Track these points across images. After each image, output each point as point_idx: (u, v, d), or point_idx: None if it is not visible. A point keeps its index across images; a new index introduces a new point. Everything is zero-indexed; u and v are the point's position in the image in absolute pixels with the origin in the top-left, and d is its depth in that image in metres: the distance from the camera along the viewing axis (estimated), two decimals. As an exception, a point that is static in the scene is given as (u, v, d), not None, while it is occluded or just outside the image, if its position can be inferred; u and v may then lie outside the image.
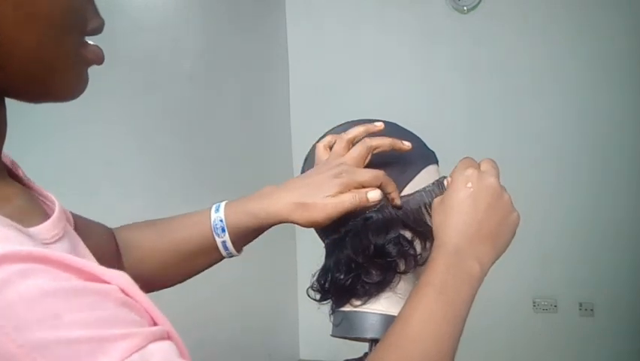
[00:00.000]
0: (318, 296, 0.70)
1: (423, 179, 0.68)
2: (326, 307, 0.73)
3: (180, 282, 0.71)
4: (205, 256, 0.68)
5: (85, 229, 0.55)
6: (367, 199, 0.59)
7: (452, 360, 0.51)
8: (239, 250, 0.68)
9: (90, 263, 0.34)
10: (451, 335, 0.52)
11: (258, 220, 0.64)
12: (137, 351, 0.31)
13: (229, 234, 0.65)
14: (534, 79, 2.24)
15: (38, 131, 1.16)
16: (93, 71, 0.44)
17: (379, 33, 2.42)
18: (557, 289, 2.21)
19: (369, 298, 0.66)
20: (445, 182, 0.63)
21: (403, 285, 0.67)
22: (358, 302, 0.67)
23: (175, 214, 0.72)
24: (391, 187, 0.62)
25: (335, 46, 2.46)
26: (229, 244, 0.66)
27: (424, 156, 0.69)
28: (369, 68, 2.43)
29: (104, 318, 0.32)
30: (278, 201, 0.62)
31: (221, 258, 0.68)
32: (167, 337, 0.35)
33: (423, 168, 0.68)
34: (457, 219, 0.57)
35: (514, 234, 0.60)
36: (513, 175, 2.25)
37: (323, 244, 0.70)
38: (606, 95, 2.15)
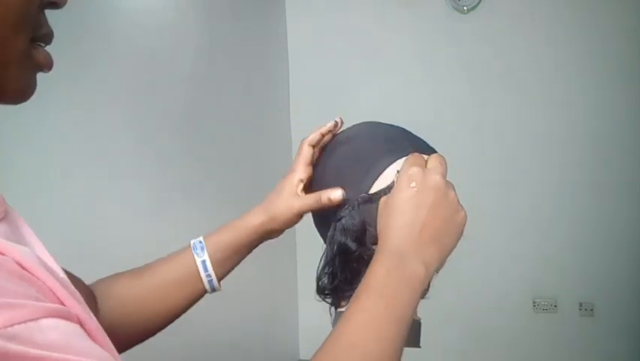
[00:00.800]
0: (327, 298, 0.71)
1: (394, 173, 0.65)
2: (326, 307, 0.73)
3: (163, 325, 0.69)
4: (183, 286, 0.69)
5: None
6: (328, 199, 0.65)
7: None
8: (219, 273, 0.70)
9: None
10: (393, 337, 0.50)
11: (235, 231, 0.70)
12: (23, 323, 0.30)
13: (208, 251, 0.69)
14: (534, 79, 2.23)
15: (39, 132, 1.16)
16: (93, 71, 0.44)
17: (379, 33, 2.42)
18: (557, 289, 2.21)
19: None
20: (395, 177, 0.61)
21: None
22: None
23: (175, 215, 0.72)
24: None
25: (335, 46, 2.45)
26: (208, 264, 0.68)
27: (393, 149, 0.67)
28: (369, 68, 2.43)
29: None
30: (251, 210, 0.71)
31: (203, 288, 0.69)
32: (75, 320, 0.34)
33: (393, 162, 0.65)
34: (399, 220, 0.55)
35: (461, 233, 0.58)
36: (513, 175, 2.27)
37: (323, 244, 0.70)
38: (608, 95, 2.14)
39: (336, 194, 0.64)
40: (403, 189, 0.56)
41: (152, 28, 1.65)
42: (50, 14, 0.44)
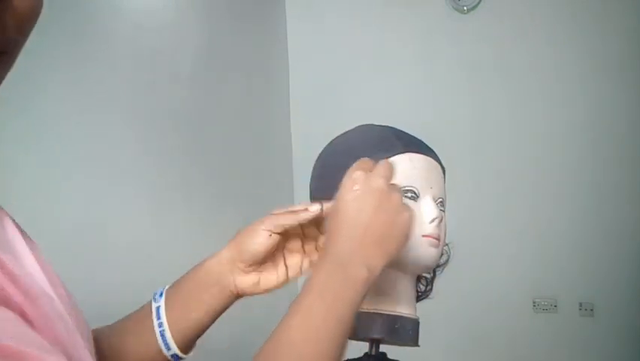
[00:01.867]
0: None
1: None
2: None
3: None
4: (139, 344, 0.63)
5: None
6: (308, 211, 0.63)
7: None
8: (175, 325, 0.62)
9: None
10: (332, 337, 0.51)
11: (195, 278, 0.64)
12: None
13: (166, 296, 0.63)
14: (535, 79, 2.23)
15: (39, 132, 1.16)
16: (93, 71, 0.44)
17: (379, 33, 2.42)
18: (557, 289, 2.21)
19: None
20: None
21: (396, 284, 0.68)
22: None
23: (175, 215, 0.72)
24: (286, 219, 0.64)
25: (335, 46, 2.46)
26: (162, 311, 0.62)
27: (384, 149, 0.69)
28: (369, 68, 2.43)
29: None
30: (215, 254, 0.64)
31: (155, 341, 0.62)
32: (17, 309, 0.34)
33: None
34: (342, 223, 0.56)
35: (405, 235, 0.58)
36: (514, 175, 2.27)
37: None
38: (608, 95, 2.14)
39: (313, 208, 0.63)
40: (347, 192, 0.57)
41: (153, 29, 1.65)
42: (51, 14, 0.44)
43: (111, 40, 1.45)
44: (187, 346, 0.64)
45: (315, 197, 0.72)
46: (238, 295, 0.65)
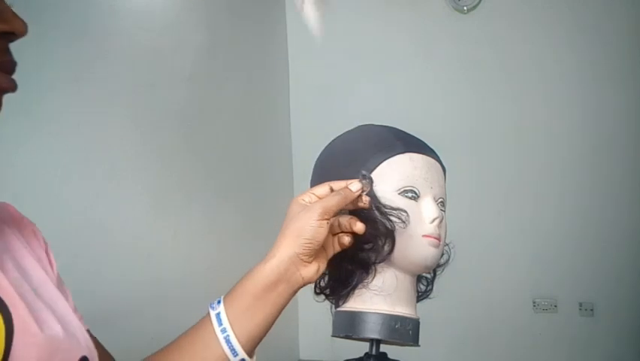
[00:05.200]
0: (325, 298, 0.72)
1: (384, 172, 0.68)
2: (325, 307, 0.73)
3: None
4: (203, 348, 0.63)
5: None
6: (351, 191, 0.65)
7: None
8: (240, 327, 0.63)
9: None
10: None
11: (256, 281, 0.63)
12: None
13: (224, 303, 0.64)
14: (535, 79, 2.24)
15: (39, 132, 1.16)
16: (93, 71, 0.44)
17: (379, 33, 2.42)
18: (557, 289, 2.21)
19: (360, 298, 0.68)
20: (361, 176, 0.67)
21: (396, 284, 0.68)
22: (353, 302, 0.68)
23: (175, 215, 0.72)
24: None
25: (335, 46, 2.46)
26: (223, 317, 0.62)
27: (384, 149, 0.69)
28: (369, 69, 2.43)
29: None
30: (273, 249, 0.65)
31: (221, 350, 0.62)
32: None
33: (383, 161, 0.68)
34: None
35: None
36: (514, 175, 2.26)
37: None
38: (608, 94, 2.14)
39: (355, 185, 0.66)
40: None
41: (153, 29, 1.65)
42: (51, 15, 0.44)
43: (111, 40, 1.45)
44: (252, 349, 0.65)
45: None
46: (303, 285, 0.66)
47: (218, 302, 0.64)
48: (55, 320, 0.47)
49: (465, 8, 2.28)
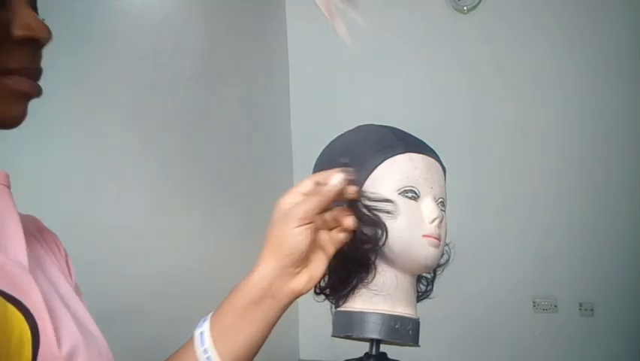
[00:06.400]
0: (325, 298, 0.72)
1: (384, 172, 0.67)
2: (325, 307, 0.73)
3: None
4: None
5: None
6: (333, 185, 0.58)
7: None
8: (223, 345, 0.59)
9: None
10: None
11: (241, 298, 0.59)
12: None
13: (211, 320, 0.60)
14: (534, 79, 2.24)
15: (39, 132, 1.16)
16: (94, 71, 0.45)
17: (379, 33, 2.42)
18: (557, 289, 2.21)
19: (360, 298, 0.68)
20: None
21: (396, 284, 0.68)
22: (353, 302, 0.68)
23: (175, 215, 0.71)
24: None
25: (335, 46, 2.44)
26: (206, 337, 0.58)
27: (384, 149, 0.69)
28: (369, 69, 2.43)
29: None
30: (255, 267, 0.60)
31: None
32: None
33: (383, 161, 0.68)
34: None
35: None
36: (514, 175, 2.26)
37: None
38: (608, 95, 2.15)
39: (336, 178, 0.59)
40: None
41: (153, 29, 1.65)
42: (51, 16, 0.44)
43: (111, 40, 1.45)
44: None
45: None
46: (296, 298, 0.61)
47: (204, 320, 0.60)
48: (78, 331, 0.46)
49: (465, 8, 2.28)
